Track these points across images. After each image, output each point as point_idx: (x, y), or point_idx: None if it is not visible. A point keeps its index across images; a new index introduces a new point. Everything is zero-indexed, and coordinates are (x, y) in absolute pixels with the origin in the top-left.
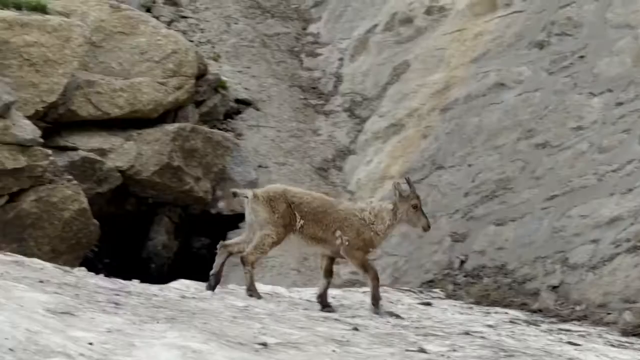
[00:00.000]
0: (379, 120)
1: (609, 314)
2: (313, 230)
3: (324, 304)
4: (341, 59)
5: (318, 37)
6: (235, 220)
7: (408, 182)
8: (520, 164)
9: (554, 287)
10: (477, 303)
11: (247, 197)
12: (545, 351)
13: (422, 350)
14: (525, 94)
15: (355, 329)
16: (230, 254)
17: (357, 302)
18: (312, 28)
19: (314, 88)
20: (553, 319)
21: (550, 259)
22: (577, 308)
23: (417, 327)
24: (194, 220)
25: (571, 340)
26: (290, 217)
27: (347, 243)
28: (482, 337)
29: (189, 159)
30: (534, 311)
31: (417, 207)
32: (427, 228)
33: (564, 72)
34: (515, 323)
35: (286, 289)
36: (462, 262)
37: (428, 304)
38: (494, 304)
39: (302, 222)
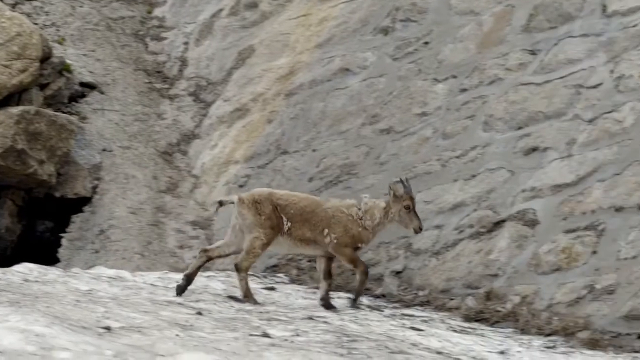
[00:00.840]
0: (224, 105)
1: (451, 299)
2: (301, 232)
3: (328, 306)
4: (186, 43)
5: (163, 20)
6: (79, 204)
7: (403, 182)
8: (365, 149)
9: (398, 273)
10: (319, 288)
11: (233, 203)
12: (388, 336)
13: (266, 335)
14: (370, 79)
15: (199, 313)
16: (210, 258)
17: (201, 287)
18: (157, 12)
19: (158, 72)
20: (396, 304)
21: (393, 245)
22: (420, 293)
23: (260, 312)
24: (38, 204)
25: (414, 326)
26: (278, 220)
27: (335, 241)
28: (326, 322)
29: (32, 142)
30: (378, 296)
31: (409, 208)
32: (418, 230)
33: (408, 58)
34: (359, 308)
35: (130, 273)
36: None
37: (272, 288)
38: (337, 288)
39: (289, 224)
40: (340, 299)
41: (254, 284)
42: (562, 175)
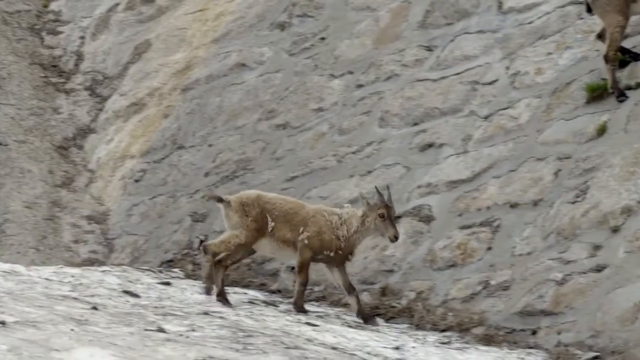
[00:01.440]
0: (120, 99)
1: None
2: (283, 232)
3: (367, 319)
4: (82, 37)
5: (59, 14)
6: None
7: (377, 191)
8: (261, 144)
9: (293, 268)
10: None
11: (222, 202)
12: (283, 331)
13: (161, 330)
14: (267, 74)
15: (95, 308)
16: (226, 267)
17: (96, 281)
18: (53, 6)
19: (54, 66)
20: (291, 300)
21: None
22: (316, 289)
23: (156, 307)
24: None
25: (309, 321)
26: (263, 221)
27: (306, 241)
28: (221, 317)
29: None
30: (273, 292)
31: (384, 217)
32: (393, 239)
33: (305, 53)
34: (254, 303)
35: (25, 267)
36: (202, 242)
37: (167, 283)
38: (233, 284)
39: (272, 224)
40: (236, 294)
41: (149, 279)
42: (457, 171)
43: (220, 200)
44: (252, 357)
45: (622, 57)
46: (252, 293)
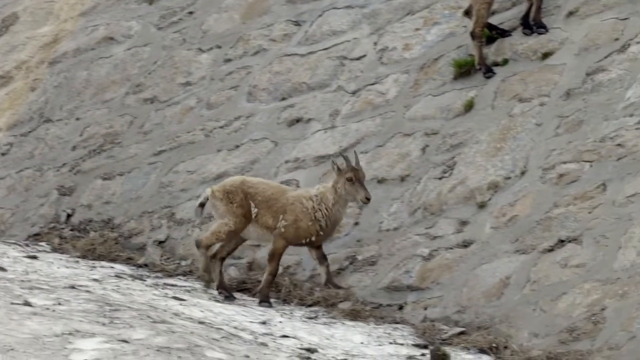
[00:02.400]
0: None
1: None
2: (265, 219)
3: (336, 286)
4: None
5: None
6: None
7: (345, 158)
8: (129, 118)
9: (160, 242)
10: (83, 257)
11: (207, 198)
12: (150, 305)
13: (28, 304)
14: (135, 48)
15: None
16: (223, 259)
17: None
18: None
19: None
20: (159, 274)
21: (157, 214)
22: (183, 263)
23: (22, 281)
24: None
25: (176, 295)
26: (248, 207)
27: (282, 229)
28: (88, 291)
29: None
30: (140, 266)
31: (352, 180)
32: (364, 200)
33: (173, 27)
34: (121, 277)
35: None
36: (69, 215)
37: (34, 257)
38: (100, 258)
39: (256, 210)
40: (102, 268)
41: (15, 252)
42: (325, 146)
43: (202, 205)
44: (119, 331)
45: (489, 34)
46: (119, 267)
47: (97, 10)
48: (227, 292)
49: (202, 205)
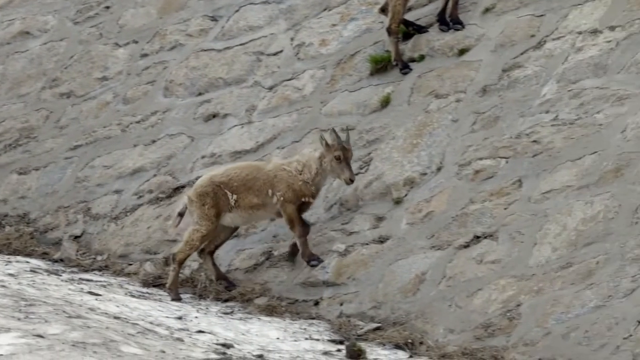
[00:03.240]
0: None
1: (130, 264)
2: (248, 199)
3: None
4: None
5: None
6: None
7: (334, 132)
8: (45, 113)
9: (76, 237)
10: None
11: (186, 205)
12: (66, 300)
13: None
14: (51, 43)
15: None
16: (211, 253)
17: None
18: None
19: None
20: (74, 269)
21: (72, 209)
22: (99, 258)
23: None
24: None
25: (92, 290)
26: (223, 199)
27: (282, 198)
28: (3, 286)
29: None
30: (56, 260)
31: (339, 159)
32: (349, 181)
33: (89, 22)
34: (37, 272)
35: None
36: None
37: None
38: (15, 252)
39: (235, 196)
40: (18, 262)
41: None
42: (241, 141)
43: (181, 215)
44: (34, 326)
45: (405, 30)
46: (35, 262)
47: (13, 4)
48: (227, 282)
49: (181, 214)
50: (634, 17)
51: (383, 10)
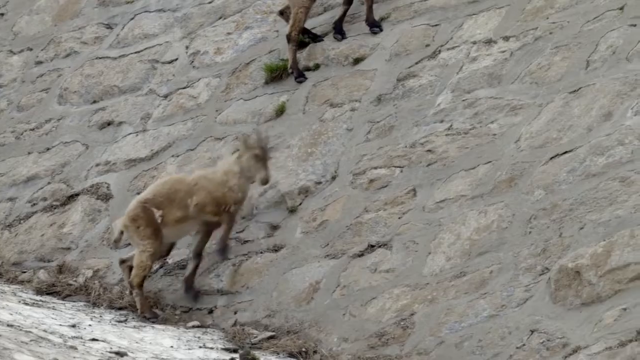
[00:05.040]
0: None
1: (23, 272)
2: (172, 213)
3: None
4: None
5: None
6: None
7: (257, 134)
8: None
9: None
10: None
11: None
12: None
13: None
14: None
15: None
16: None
17: None
18: None
19: None
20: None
21: None
22: None
23: None
24: None
25: None
26: (153, 218)
27: (196, 204)
28: None
29: None
30: None
31: (257, 157)
32: (265, 182)
33: None
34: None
35: None
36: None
37: None
38: None
39: (159, 212)
40: None
41: None
42: (136, 149)
43: (119, 239)
44: None
45: (302, 39)
46: None
47: None
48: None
49: (117, 241)
50: (528, 27)
51: (282, 13)
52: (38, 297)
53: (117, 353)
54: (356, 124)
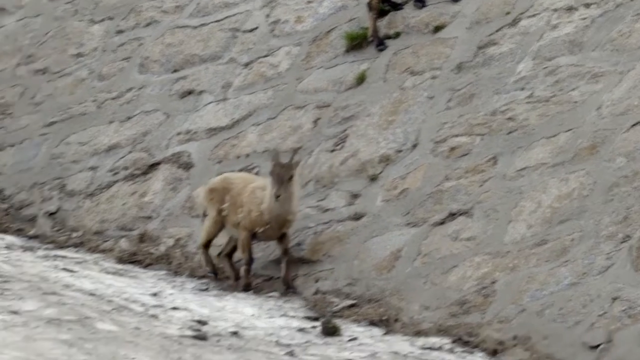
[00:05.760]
0: None
1: (105, 241)
2: (230, 216)
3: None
4: None
5: None
6: None
7: (274, 153)
8: (20, 89)
9: (52, 214)
10: None
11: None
12: (41, 277)
13: None
14: (26, 19)
15: None
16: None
17: None
18: None
19: None
20: (49, 245)
21: (48, 185)
22: (74, 235)
23: None
24: None
25: (67, 267)
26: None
27: (240, 220)
28: None
29: None
30: (31, 237)
31: (271, 174)
32: (272, 196)
33: None
34: (12, 249)
35: None
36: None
37: None
38: None
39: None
40: None
41: None
42: (217, 118)
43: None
44: (9, 303)
45: (382, 7)
46: (10, 238)
47: None
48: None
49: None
50: None
51: None
52: (119, 266)
53: (199, 321)
54: (437, 92)
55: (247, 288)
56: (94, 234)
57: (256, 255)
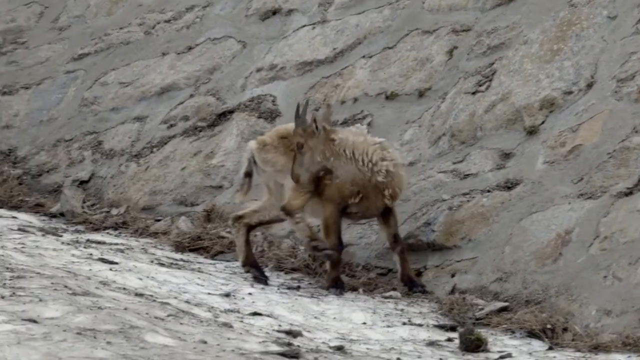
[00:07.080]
0: None
1: (157, 220)
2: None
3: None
4: None
5: None
6: None
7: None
8: (38, 8)
9: (82, 183)
10: None
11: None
12: (68, 271)
13: None
14: None
15: None
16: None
17: None
18: None
19: None
20: (80, 227)
21: (77, 143)
22: (114, 212)
23: None
24: None
25: (105, 257)
26: None
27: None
28: None
29: None
30: (54, 215)
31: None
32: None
33: None
34: (27, 232)
35: None
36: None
37: None
38: None
39: None
40: (1, 218)
41: None
42: (313, 48)
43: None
44: (24, 307)
45: None
46: (24, 217)
47: None
48: (257, 271)
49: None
50: None
51: None
52: (178, 255)
53: (289, 332)
54: (621, 9)
55: (334, 284)
56: (141, 210)
57: (368, 240)
